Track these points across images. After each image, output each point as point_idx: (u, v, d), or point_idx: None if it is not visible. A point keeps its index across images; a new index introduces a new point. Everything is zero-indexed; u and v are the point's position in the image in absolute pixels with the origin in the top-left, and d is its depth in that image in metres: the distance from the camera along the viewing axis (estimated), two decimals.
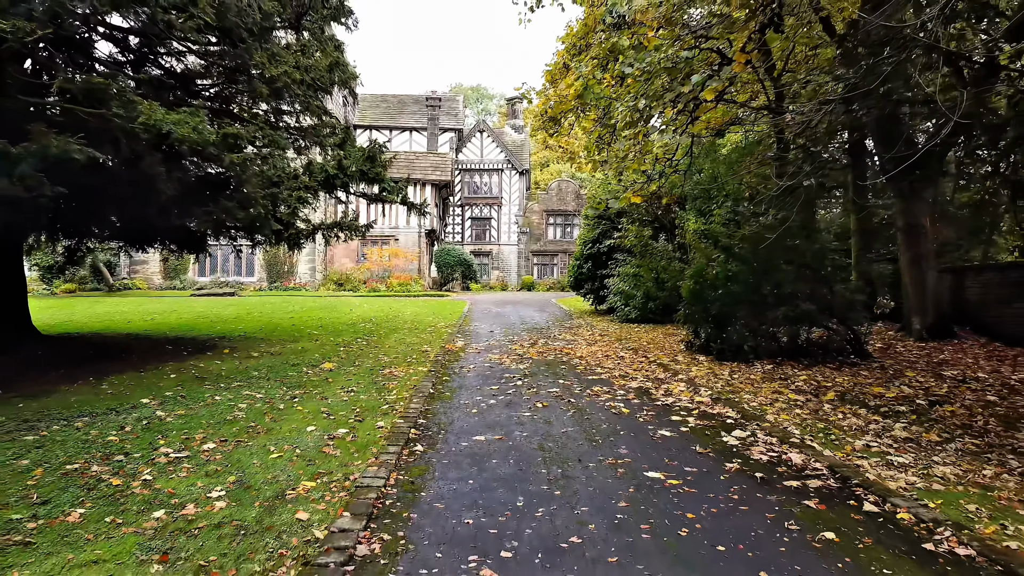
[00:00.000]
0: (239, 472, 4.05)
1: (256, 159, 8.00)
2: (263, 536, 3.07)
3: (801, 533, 3.17)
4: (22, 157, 4.91)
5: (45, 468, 4.11)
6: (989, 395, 6.88)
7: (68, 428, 5.18)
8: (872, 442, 5.02)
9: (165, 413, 5.72)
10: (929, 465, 4.49)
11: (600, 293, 16.91)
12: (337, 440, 4.80)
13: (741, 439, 4.95)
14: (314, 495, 3.61)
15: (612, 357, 9.45)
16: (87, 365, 8.65)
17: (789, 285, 8.93)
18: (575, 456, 4.44)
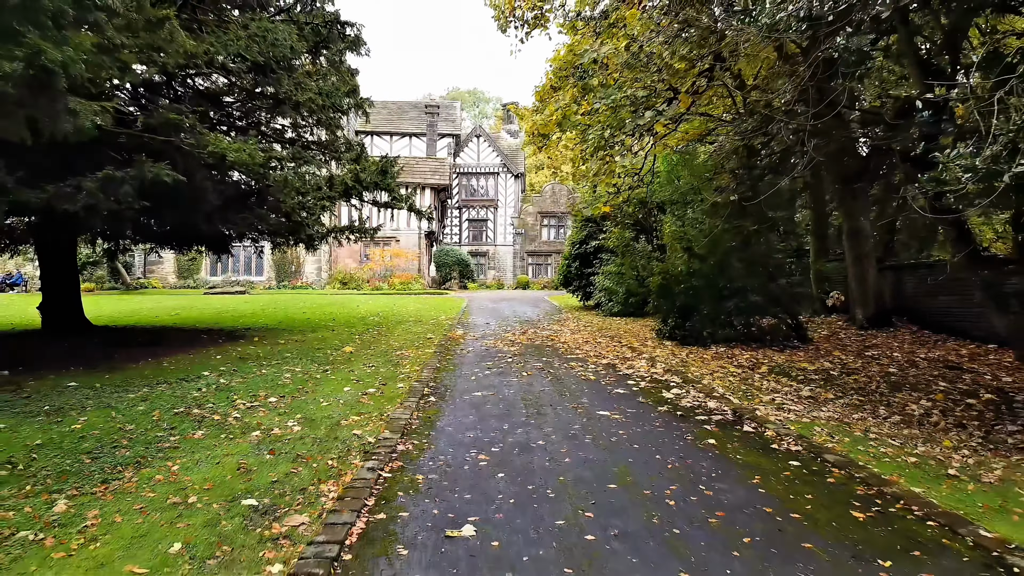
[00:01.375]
0: (302, 413, 5.57)
1: (289, 173, 9.49)
2: (333, 442, 4.60)
3: (693, 440, 4.72)
4: (125, 180, 6.41)
5: (160, 411, 5.63)
6: (891, 368, 8.46)
7: (157, 390, 6.69)
8: (777, 398, 6.57)
9: (227, 381, 7.23)
10: (812, 411, 6.05)
11: (587, 290, 18.47)
12: (369, 395, 6.33)
13: (676, 395, 6.50)
14: (361, 423, 5.14)
15: (591, 342, 11.00)
16: (140, 349, 10.13)
17: (740, 280, 10.48)
18: (548, 403, 5.99)
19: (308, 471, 3.98)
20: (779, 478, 3.92)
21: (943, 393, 7.07)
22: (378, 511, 3.33)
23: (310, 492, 3.60)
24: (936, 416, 6.15)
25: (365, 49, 11.77)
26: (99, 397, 6.29)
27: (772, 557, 2.82)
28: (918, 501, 3.51)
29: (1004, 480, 4.02)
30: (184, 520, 3.22)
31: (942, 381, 7.73)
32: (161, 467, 4.08)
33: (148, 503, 3.45)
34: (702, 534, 3.06)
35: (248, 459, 4.23)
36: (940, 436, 5.36)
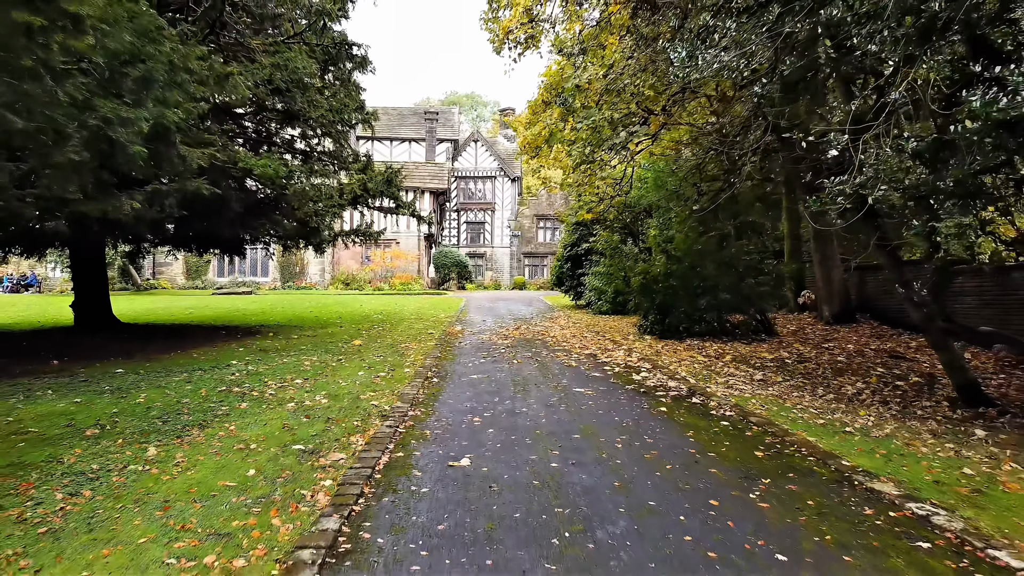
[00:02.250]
0: (326, 391, 6.64)
1: (307, 185, 10.56)
2: (356, 410, 5.67)
3: (647, 409, 5.80)
4: (171, 193, 7.46)
5: (206, 389, 6.69)
6: (840, 357, 9.56)
7: (196, 374, 7.74)
8: (731, 380, 7.66)
9: (255, 368, 8.28)
10: (758, 390, 7.13)
11: (578, 290, 19.56)
12: (380, 378, 7.40)
13: (643, 377, 7.59)
14: (377, 397, 6.21)
15: (577, 337, 12.08)
16: (167, 343, 11.18)
17: (712, 280, 11.57)
18: (532, 383, 7.07)
19: (339, 428, 5.05)
20: (708, 433, 5.00)
21: (878, 377, 8.16)
22: (397, 451, 4.41)
23: (343, 441, 4.67)
24: (865, 395, 7.24)
25: (371, 68, 12.86)
26: (148, 380, 7.35)
27: (683, 476, 3.90)
28: (808, 446, 4.60)
29: (888, 435, 5.11)
30: (251, 458, 4.29)
31: (882, 368, 8.82)
32: (220, 428, 5.14)
33: (220, 449, 4.52)
34: (637, 463, 4.14)
35: (289, 421, 5.30)
36: (860, 409, 6.44)
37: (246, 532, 3.05)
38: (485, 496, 3.56)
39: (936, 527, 3.15)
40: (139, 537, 3.02)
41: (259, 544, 2.91)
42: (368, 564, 2.74)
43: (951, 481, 3.88)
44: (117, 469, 4.07)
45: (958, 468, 4.17)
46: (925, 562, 2.80)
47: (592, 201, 12.46)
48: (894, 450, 4.61)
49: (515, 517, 3.25)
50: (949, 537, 3.04)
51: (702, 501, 3.48)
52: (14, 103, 2.98)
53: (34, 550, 2.89)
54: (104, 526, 3.16)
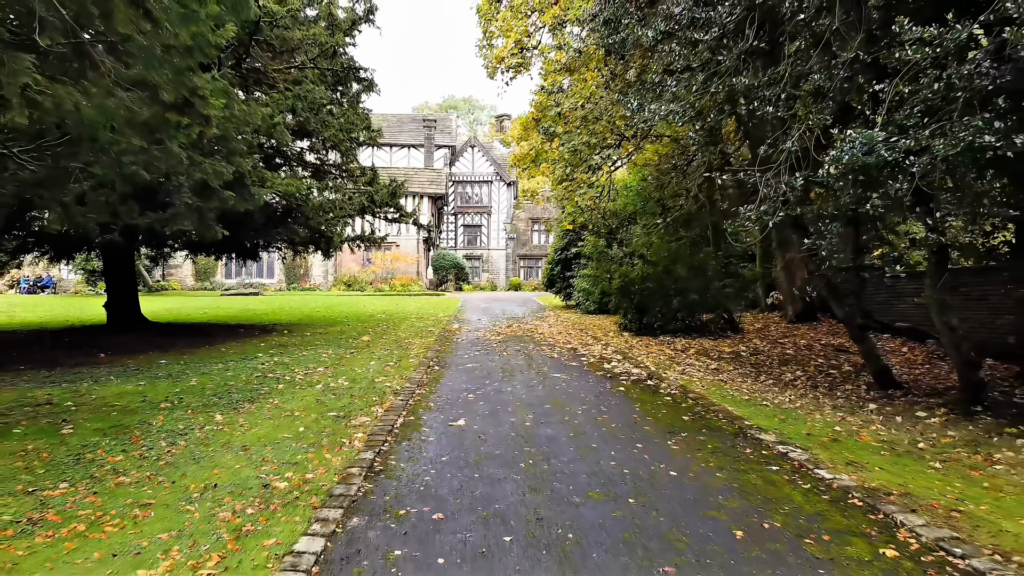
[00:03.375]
0: (345, 376, 7.97)
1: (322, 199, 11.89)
2: (373, 389, 7.01)
3: (609, 389, 7.15)
4: (210, 208, 8.76)
5: (244, 375, 8.01)
6: (789, 350, 10.93)
7: (230, 364, 9.05)
8: (688, 368, 9.01)
9: (279, 359, 9.60)
10: (708, 376, 8.47)
11: (567, 291, 20.92)
12: (390, 366, 8.73)
13: (613, 366, 8.94)
14: (389, 380, 7.55)
15: (563, 333, 13.43)
16: (195, 339, 12.48)
17: (683, 283, 12.93)
18: (518, 370, 8.42)
19: (361, 402, 6.39)
20: (652, 405, 6.36)
21: (816, 367, 9.52)
22: (409, 416, 5.75)
23: (366, 410, 6.01)
24: (800, 380, 8.59)
25: (377, 89, 14.21)
26: (192, 368, 8.66)
27: (622, 430, 5.25)
28: (726, 413, 5.95)
29: (795, 408, 6.46)
30: (298, 421, 5.62)
31: (823, 359, 10.19)
32: (267, 402, 6.48)
33: (272, 415, 5.85)
34: (590, 423, 5.49)
35: (320, 398, 6.63)
36: (789, 390, 7.79)
37: (308, 462, 4.38)
38: (476, 443, 4.91)
39: (789, 458, 4.51)
40: (234, 465, 4.35)
41: (320, 467, 4.25)
42: (396, 476, 4.09)
43: (819, 434, 5.24)
44: (197, 428, 5.40)
45: (832, 427, 5.54)
46: (770, 476, 4.15)
47: (575, 212, 13.83)
48: (791, 416, 5.97)
49: (496, 454, 4.60)
50: (794, 464, 4.40)
51: (630, 444, 4.83)
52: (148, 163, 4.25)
53: (163, 472, 4.22)
54: (206, 460, 4.49)
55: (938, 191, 4.85)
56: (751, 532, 3.23)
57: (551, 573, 2.77)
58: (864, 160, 4.79)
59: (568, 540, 3.11)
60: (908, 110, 4.81)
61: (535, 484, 3.95)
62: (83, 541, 3.14)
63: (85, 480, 4.07)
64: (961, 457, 4.71)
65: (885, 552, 3.03)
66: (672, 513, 3.48)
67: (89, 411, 6.06)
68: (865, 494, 3.77)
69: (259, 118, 6.10)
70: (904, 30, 4.53)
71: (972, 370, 6.95)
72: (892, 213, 5.13)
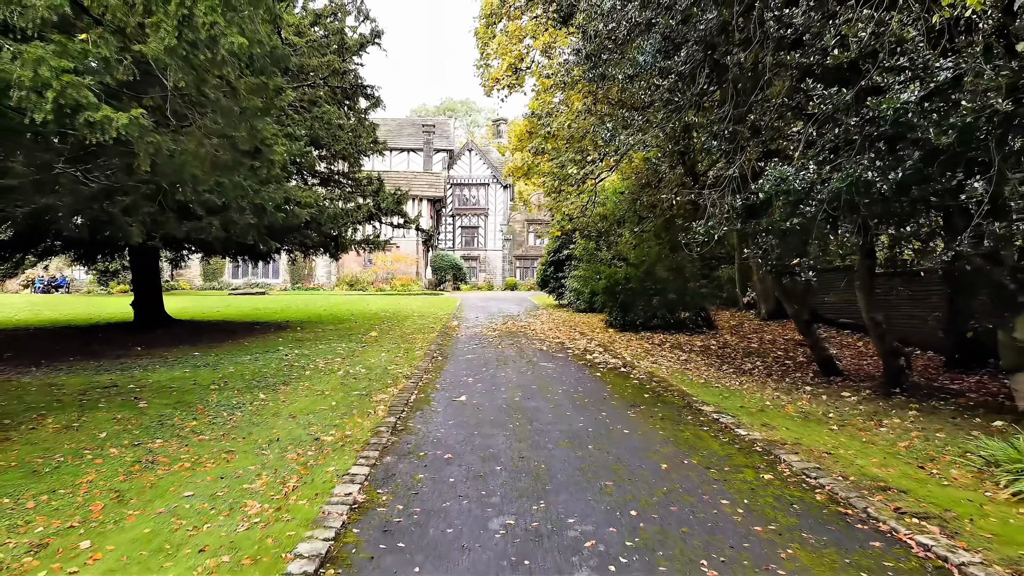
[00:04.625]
0: (361, 364, 9.21)
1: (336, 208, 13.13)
2: (386, 374, 8.26)
3: (587, 374, 8.43)
4: (244, 219, 9.98)
5: (274, 364, 9.24)
6: (754, 344, 12.23)
7: (256, 356, 10.28)
8: (660, 359, 10.28)
9: (300, 351, 10.83)
10: (676, 365, 9.75)
11: (560, 291, 22.19)
12: (399, 357, 9.98)
13: (594, 357, 10.21)
14: (400, 368, 8.80)
15: (553, 330, 14.70)
16: (218, 335, 13.68)
17: (663, 284, 14.21)
18: (511, 360, 9.68)
19: (379, 384, 7.64)
20: (621, 386, 7.63)
21: (775, 358, 10.81)
22: (419, 394, 7.01)
23: (384, 390, 7.26)
24: (757, 369, 9.87)
25: (383, 105, 15.45)
26: (224, 359, 9.89)
27: (592, 404, 6.52)
28: (681, 392, 7.23)
29: (741, 389, 7.73)
30: (329, 398, 6.87)
31: (782, 352, 11.48)
32: (299, 384, 7.72)
33: (306, 394, 7.09)
34: (567, 399, 6.75)
35: (344, 381, 7.89)
36: (744, 377, 9.07)
37: (345, 424, 5.64)
38: (475, 412, 6.17)
39: (719, 423, 5.79)
40: (287, 427, 5.60)
41: (355, 428, 5.51)
42: (414, 432, 5.35)
43: (750, 407, 6.53)
44: (248, 403, 6.64)
45: (764, 402, 6.82)
46: (700, 433, 5.43)
47: (562, 220, 15.11)
48: (735, 395, 7.25)
49: (490, 419, 5.87)
50: (722, 426, 5.68)
51: (597, 413, 6.11)
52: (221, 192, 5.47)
53: (233, 433, 5.46)
54: (263, 424, 5.74)
55: (841, 212, 6.13)
56: (673, 465, 4.50)
57: (528, 484, 4.04)
58: (780, 188, 6.08)
59: (541, 468, 4.37)
60: (819, 149, 6.09)
61: (520, 437, 5.22)
62: (194, 472, 4.39)
63: (173, 438, 5.31)
64: (857, 423, 5.99)
65: (764, 476, 4.31)
66: (619, 455, 4.75)
67: (152, 392, 7.29)
68: (766, 444, 5.05)
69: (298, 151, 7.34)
70: (810, 88, 5.81)
71: (893, 358, 8.27)
72: (809, 229, 6.40)
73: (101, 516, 3.62)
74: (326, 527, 3.31)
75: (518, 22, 13.66)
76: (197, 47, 3.91)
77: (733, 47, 6.77)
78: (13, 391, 7.33)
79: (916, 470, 4.52)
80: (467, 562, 2.99)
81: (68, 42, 3.71)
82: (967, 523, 3.50)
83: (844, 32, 5.42)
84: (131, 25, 4.02)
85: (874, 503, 3.75)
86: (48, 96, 3.40)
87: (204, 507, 3.68)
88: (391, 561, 3.00)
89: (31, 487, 4.11)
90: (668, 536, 3.27)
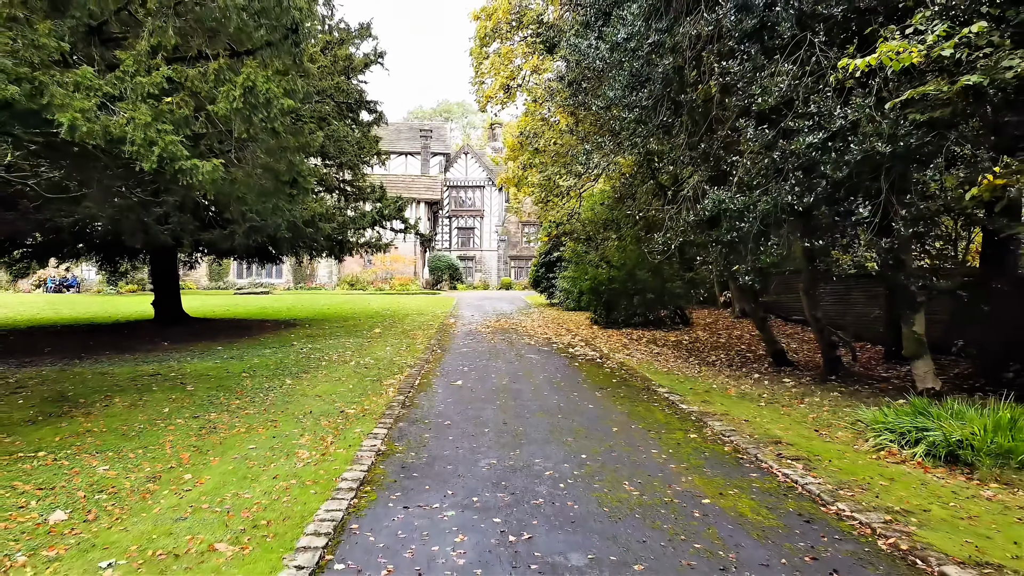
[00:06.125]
0: (370, 356, 10.47)
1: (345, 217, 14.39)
2: (393, 364, 9.54)
3: (567, 364, 9.73)
4: (263, 229, 11.21)
5: (292, 356, 10.50)
6: (722, 339, 13.55)
7: (274, 350, 11.53)
8: (633, 352, 11.59)
9: (313, 346, 12.09)
10: (648, 357, 11.05)
11: (551, 290, 23.49)
12: (403, 350, 11.26)
13: (575, 350, 11.51)
14: (404, 359, 10.08)
15: (543, 327, 16.01)
16: (234, 332, 14.90)
17: (642, 284, 15.52)
18: (502, 352, 10.98)
19: (387, 372, 8.91)
20: (594, 374, 8.93)
21: (738, 352, 12.12)
22: (422, 380, 8.30)
23: (391, 376, 8.53)
24: (720, 361, 11.18)
25: (384, 120, 16.70)
26: (246, 353, 11.14)
27: (567, 386, 7.81)
28: (644, 378, 8.53)
29: (697, 376, 9.03)
30: (346, 382, 8.14)
31: (746, 346, 12.80)
32: (318, 373, 8.99)
33: (326, 380, 8.36)
34: (547, 384, 8.05)
35: (356, 370, 9.16)
36: (705, 367, 10.37)
37: (363, 402, 6.91)
38: (469, 393, 7.46)
39: (668, 400, 7.09)
40: (316, 404, 6.87)
41: (371, 404, 6.78)
42: (419, 407, 6.64)
43: (698, 388, 7.83)
44: (278, 387, 7.90)
45: (711, 386, 8.13)
46: (650, 407, 6.73)
47: (549, 227, 16.43)
48: (689, 380, 8.56)
49: (482, 398, 7.16)
50: (671, 402, 6.98)
51: (570, 393, 7.41)
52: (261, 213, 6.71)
53: (272, 408, 6.72)
54: (295, 402, 7.00)
55: (771, 228, 7.43)
56: (622, 428, 5.81)
57: (508, 440, 5.33)
58: (720, 208, 7.39)
59: (520, 430, 5.67)
60: (752, 175, 7.40)
61: (505, 409, 6.52)
62: (249, 434, 5.66)
63: (224, 412, 6.58)
64: (783, 401, 7.31)
65: (691, 435, 5.61)
66: (582, 422, 6.05)
67: (193, 378, 8.54)
68: (700, 415, 6.36)
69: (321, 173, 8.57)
70: (743, 127, 7.11)
71: (831, 349, 9.61)
72: (746, 241, 7.70)
73: (190, 461, 4.89)
74: (360, 464, 4.59)
75: (509, 44, 14.93)
76: (256, 108, 5.16)
77: (687, 87, 8.08)
78: (73, 379, 8.57)
79: (811, 432, 5.83)
80: (461, 484, 4.28)
81: (162, 106, 4.97)
82: (826, 463, 4.80)
83: (766, 85, 6.72)
84: (204, 91, 5.28)
85: (765, 452, 5.06)
86: (155, 151, 4.65)
87: (267, 455, 4.96)
88: (408, 483, 4.28)
89: (126, 445, 5.38)
90: (605, 468, 4.57)
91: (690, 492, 4.16)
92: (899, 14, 6.33)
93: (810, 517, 3.75)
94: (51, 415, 6.39)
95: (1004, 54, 5.62)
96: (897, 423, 5.37)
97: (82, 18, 5.24)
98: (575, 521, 3.61)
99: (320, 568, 3.04)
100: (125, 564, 3.11)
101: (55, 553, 3.25)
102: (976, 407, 5.35)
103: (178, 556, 3.18)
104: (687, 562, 3.10)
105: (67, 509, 3.87)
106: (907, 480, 4.46)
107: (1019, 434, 4.79)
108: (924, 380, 7.54)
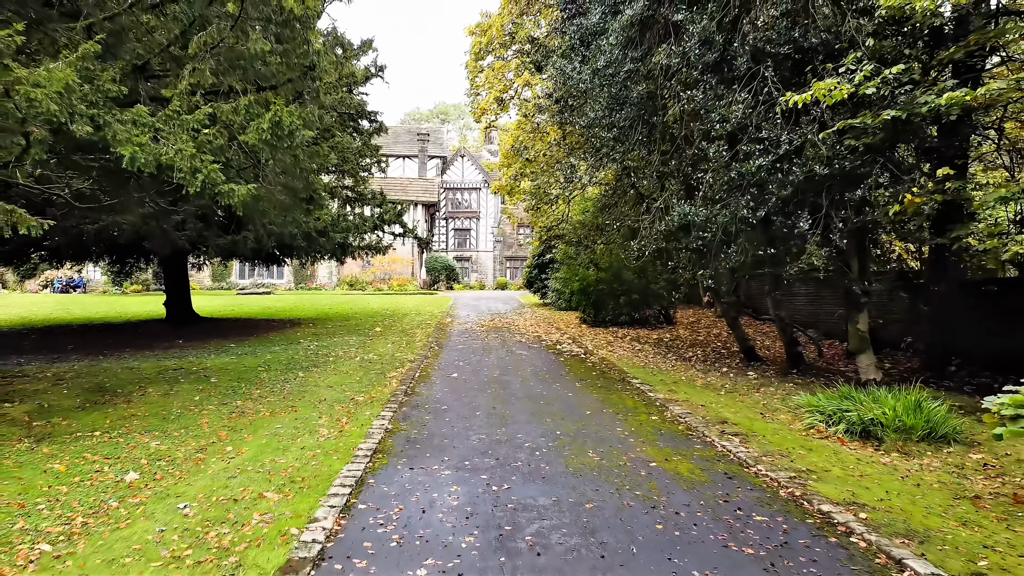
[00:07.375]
0: (373, 352, 11.40)
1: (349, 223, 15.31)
2: (394, 359, 10.48)
3: (553, 359, 10.68)
4: (274, 234, 12.12)
5: (301, 352, 11.42)
6: (700, 337, 14.53)
7: (283, 347, 12.44)
8: (616, 348, 12.54)
9: (319, 343, 13.01)
10: (629, 353, 12.01)
11: (543, 291, 24.45)
12: (403, 347, 12.19)
13: (562, 347, 12.46)
14: (405, 354, 11.01)
15: (534, 326, 16.96)
16: (243, 331, 15.79)
17: (628, 285, 16.48)
18: (494, 348, 11.92)
19: (389, 366, 9.85)
20: (576, 368, 9.88)
21: (713, 348, 13.10)
22: (422, 372, 9.24)
23: (394, 369, 9.46)
24: (696, 357, 12.14)
25: (384, 130, 17.62)
26: (258, 350, 12.05)
27: (551, 378, 8.76)
28: (621, 371, 9.48)
29: (672, 370, 9.99)
30: (353, 375, 9.06)
31: (721, 343, 13.77)
32: (326, 367, 9.91)
33: (335, 373, 9.28)
34: (534, 376, 8.99)
35: (361, 364, 10.08)
36: (681, 362, 11.33)
37: (370, 391, 7.84)
38: (464, 383, 8.41)
39: (640, 390, 8.04)
40: (329, 393, 7.79)
41: (378, 393, 7.71)
42: (420, 395, 7.58)
43: (668, 380, 8.79)
44: (293, 380, 8.82)
45: (679, 378, 9.08)
46: (622, 395, 7.69)
47: (540, 232, 17.40)
48: (662, 373, 9.52)
49: (475, 388, 8.11)
50: (641, 391, 7.94)
51: (553, 384, 8.36)
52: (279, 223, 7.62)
53: (290, 397, 7.64)
54: (310, 392, 7.93)
55: (731, 237, 8.40)
56: (594, 412, 6.76)
57: (496, 421, 6.28)
58: (685, 220, 8.35)
59: (507, 413, 6.62)
60: (715, 190, 8.36)
61: (495, 397, 7.47)
62: (274, 417, 6.59)
63: (248, 400, 7.50)
64: (741, 390, 8.28)
65: (652, 418, 6.57)
66: (560, 407, 7.00)
67: (214, 372, 9.46)
68: (664, 401, 7.31)
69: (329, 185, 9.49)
70: (705, 148, 8.07)
71: (792, 346, 10.59)
72: (710, 249, 8.66)
73: (227, 438, 5.82)
74: (372, 439, 5.54)
75: (502, 60, 15.88)
76: (281, 139, 6.08)
77: (658, 111, 9.04)
78: (105, 372, 9.46)
79: (757, 415, 6.80)
80: (456, 452, 5.23)
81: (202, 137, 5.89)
82: (760, 438, 5.77)
83: (724, 113, 7.68)
84: (236, 123, 6.20)
85: (711, 429, 6.02)
86: (199, 177, 5.56)
87: (293, 432, 5.89)
88: (413, 452, 5.23)
89: (169, 426, 6.30)
90: (575, 441, 5.53)
91: (642, 458, 5.11)
92: (836, 53, 7.30)
93: (733, 475, 4.70)
94: (96, 403, 7.30)
95: (919, 92, 6.61)
96: (826, 406, 6.34)
97: (131, 60, 6.17)
98: (545, 477, 4.56)
99: (348, 507, 3.98)
100: (196, 506, 4.03)
101: (139, 500, 4.17)
102: (894, 393, 6.33)
103: (237, 500, 4.11)
104: (627, 503, 4.05)
105: (137, 472, 4.79)
106: (823, 451, 5.42)
107: (920, 414, 5.77)
108: (867, 372, 8.53)
